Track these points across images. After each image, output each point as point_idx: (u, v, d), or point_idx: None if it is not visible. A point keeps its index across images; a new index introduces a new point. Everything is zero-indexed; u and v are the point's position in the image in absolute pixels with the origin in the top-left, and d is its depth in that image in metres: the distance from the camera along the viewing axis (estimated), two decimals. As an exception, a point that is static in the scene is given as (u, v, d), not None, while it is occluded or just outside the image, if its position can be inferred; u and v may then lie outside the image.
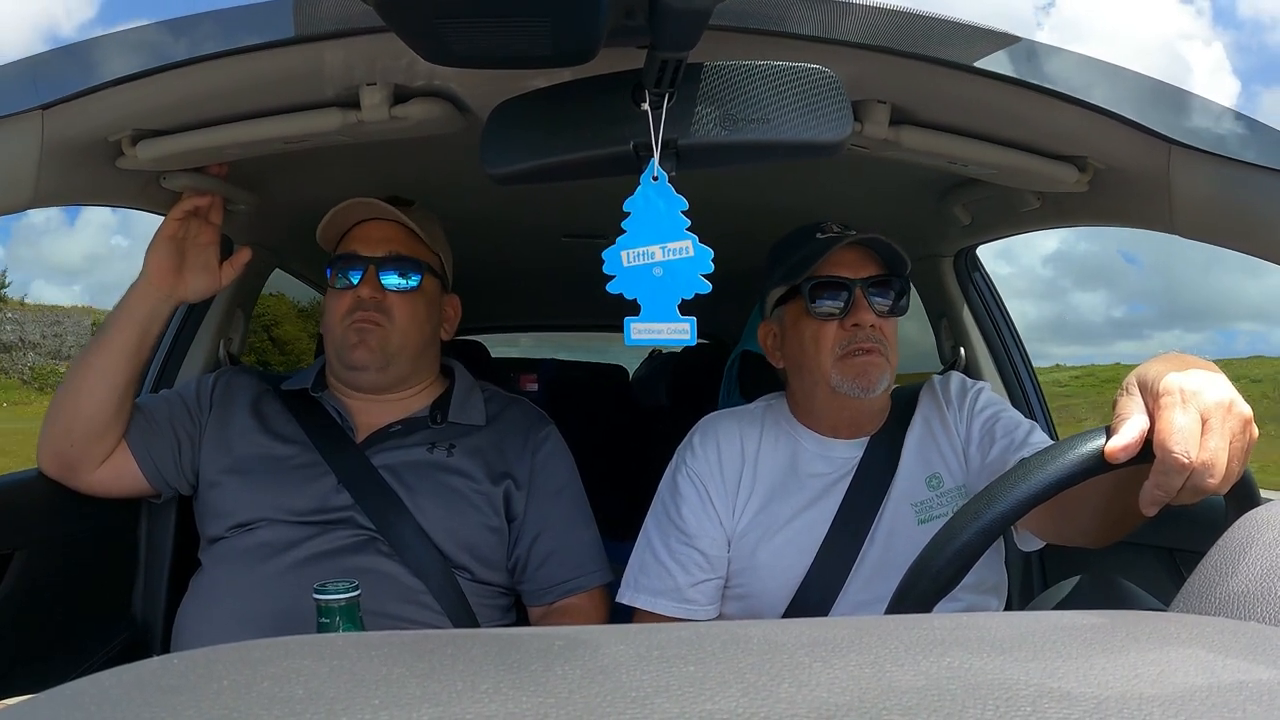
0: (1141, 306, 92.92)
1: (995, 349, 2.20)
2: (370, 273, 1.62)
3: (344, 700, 0.36)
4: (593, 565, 1.68)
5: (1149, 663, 0.41)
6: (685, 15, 0.82)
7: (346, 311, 1.62)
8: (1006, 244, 2.12)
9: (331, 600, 1.12)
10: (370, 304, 1.61)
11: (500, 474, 1.64)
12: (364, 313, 1.61)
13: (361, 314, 1.61)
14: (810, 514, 1.51)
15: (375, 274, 1.62)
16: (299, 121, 1.31)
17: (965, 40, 1.16)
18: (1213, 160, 1.18)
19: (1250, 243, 1.22)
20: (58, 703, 0.37)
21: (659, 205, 0.99)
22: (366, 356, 1.61)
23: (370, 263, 1.62)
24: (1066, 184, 1.42)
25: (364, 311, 1.61)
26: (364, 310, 1.61)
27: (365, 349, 1.61)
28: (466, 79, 1.25)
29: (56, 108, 1.19)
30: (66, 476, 1.60)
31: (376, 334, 1.61)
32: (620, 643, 0.44)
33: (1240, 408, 0.91)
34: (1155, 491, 0.90)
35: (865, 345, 1.48)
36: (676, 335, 1.00)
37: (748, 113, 1.00)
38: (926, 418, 1.59)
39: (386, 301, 1.62)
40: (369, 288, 1.61)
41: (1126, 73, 1.22)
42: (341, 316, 1.62)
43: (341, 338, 1.62)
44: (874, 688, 0.38)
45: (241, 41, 1.15)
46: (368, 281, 1.61)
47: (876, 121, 1.30)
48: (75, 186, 1.36)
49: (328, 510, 1.54)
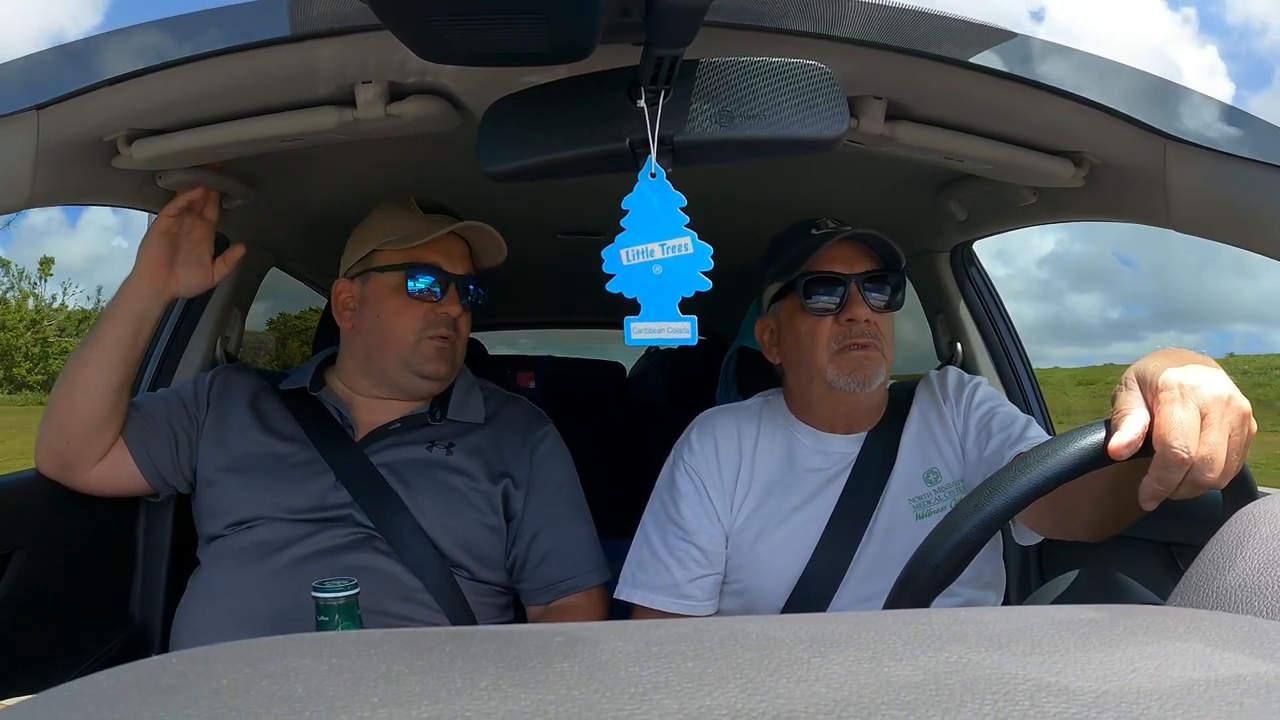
0: (1137, 308, 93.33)
1: (992, 344, 2.20)
2: (454, 291, 1.65)
3: (343, 698, 0.36)
4: (591, 564, 1.68)
5: (1147, 657, 0.41)
6: (681, 12, 0.82)
7: (427, 324, 1.63)
8: (1002, 245, 2.13)
9: (330, 598, 1.12)
10: (452, 321, 1.65)
11: (499, 472, 1.64)
12: (446, 329, 1.64)
13: (444, 330, 1.64)
14: (808, 510, 1.51)
15: (457, 292, 1.65)
16: (295, 120, 1.31)
17: (961, 36, 1.16)
18: (1209, 155, 1.19)
19: (1246, 237, 1.22)
20: (56, 703, 0.37)
21: (656, 202, 0.99)
22: (446, 370, 1.66)
23: (454, 280, 1.65)
24: (1062, 179, 1.42)
25: (445, 327, 1.64)
26: (445, 326, 1.64)
27: (445, 362, 1.65)
28: (462, 76, 1.25)
29: (51, 107, 1.18)
30: (64, 475, 1.60)
31: (450, 351, 1.66)
32: (619, 639, 0.44)
33: (1239, 402, 0.91)
34: (1154, 486, 0.90)
35: (860, 340, 1.48)
36: (677, 334, 1.00)
37: (744, 109, 1.00)
38: (924, 412, 1.59)
39: (460, 320, 1.66)
40: (456, 306, 1.65)
41: (1123, 68, 1.22)
42: (422, 327, 1.63)
43: (417, 348, 1.63)
44: (872, 683, 0.38)
45: (236, 40, 1.15)
46: (453, 300, 1.65)
47: (872, 117, 1.30)
48: (71, 186, 1.36)
49: (326, 508, 1.54)
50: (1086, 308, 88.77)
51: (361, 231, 1.72)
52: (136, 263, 1.56)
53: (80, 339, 2.64)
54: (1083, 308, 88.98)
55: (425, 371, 1.63)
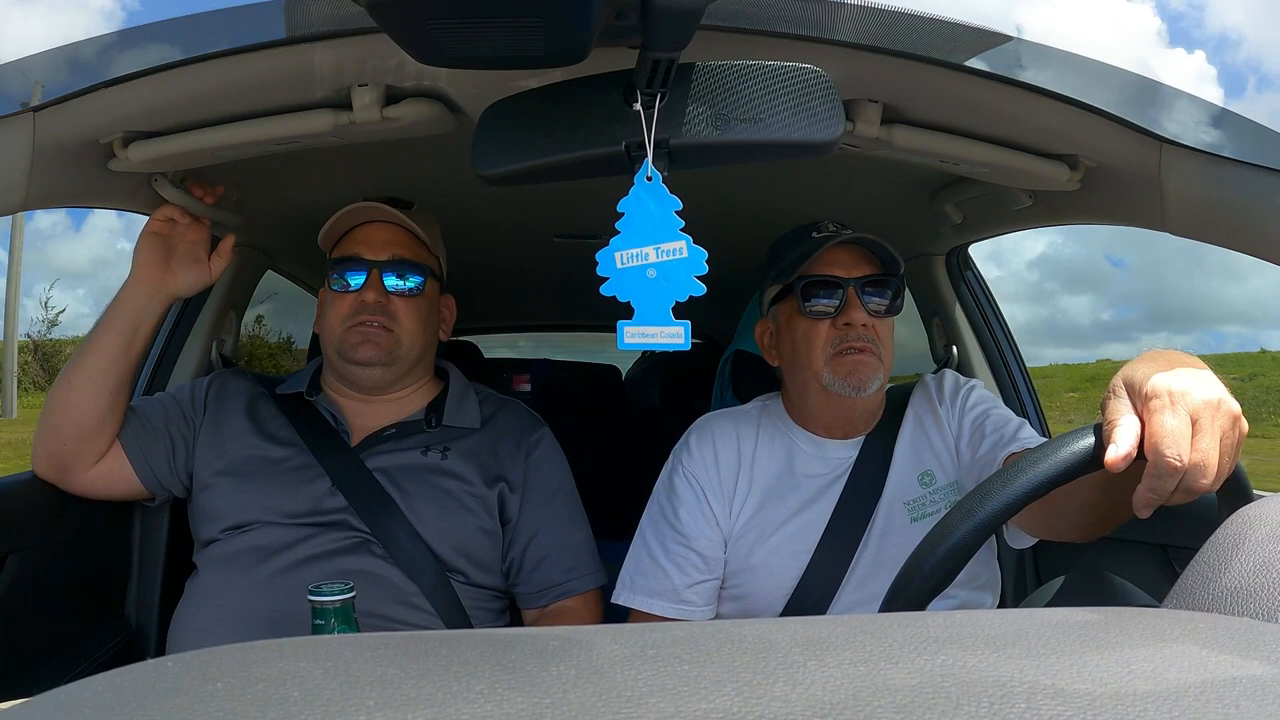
0: (1129, 309, 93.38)
1: (987, 347, 2.21)
2: (374, 276, 1.62)
3: (339, 702, 0.36)
4: (587, 568, 1.68)
5: (1143, 659, 0.41)
6: (677, 15, 0.82)
7: (349, 314, 1.62)
8: (994, 248, 2.13)
9: (326, 602, 1.12)
10: (374, 307, 1.62)
11: (494, 476, 1.64)
12: (368, 315, 1.61)
13: (365, 316, 1.61)
14: (806, 515, 1.51)
15: (379, 277, 1.63)
16: (291, 123, 1.31)
17: (956, 39, 1.17)
18: (1203, 158, 1.19)
19: (1241, 240, 1.22)
20: (52, 707, 0.37)
21: (652, 205, 0.99)
22: (373, 352, 1.61)
23: (373, 266, 1.62)
24: (1058, 182, 1.42)
25: (368, 314, 1.61)
26: (368, 313, 1.61)
27: (371, 345, 1.61)
28: (458, 79, 1.25)
29: (48, 110, 1.18)
30: (60, 478, 1.60)
31: (381, 336, 1.62)
32: (614, 642, 0.44)
33: (1229, 404, 0.91)
34: (1148, 495, 0.89)
35: (857, 344, 1.48)
36: (670, 339, 0.99)
37: (740, 112, 1.00)
38: (919, 415, 1.59)
39: (390, 305, 1.63)
40: (373, 291, 1.62)
41: (1117, 71, 1.22)
42: (343, 318, 1.62)
43: (342, 338, 1.62)
44: (868, 686, 0.38)
45: (232, 43, 1.15)
46: (371, 285, 1.62)
47: (868, 120, 1.30)
48: (67, 189, 1.36)
49: (321, 513, 1.54)
50: (1078, 309, 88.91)
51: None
52: (133, 265, 1.56)
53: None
54: (1074, 309, 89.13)
55: (353, 357, 1.62)
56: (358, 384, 1.67)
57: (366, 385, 1.67)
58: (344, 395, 1.70)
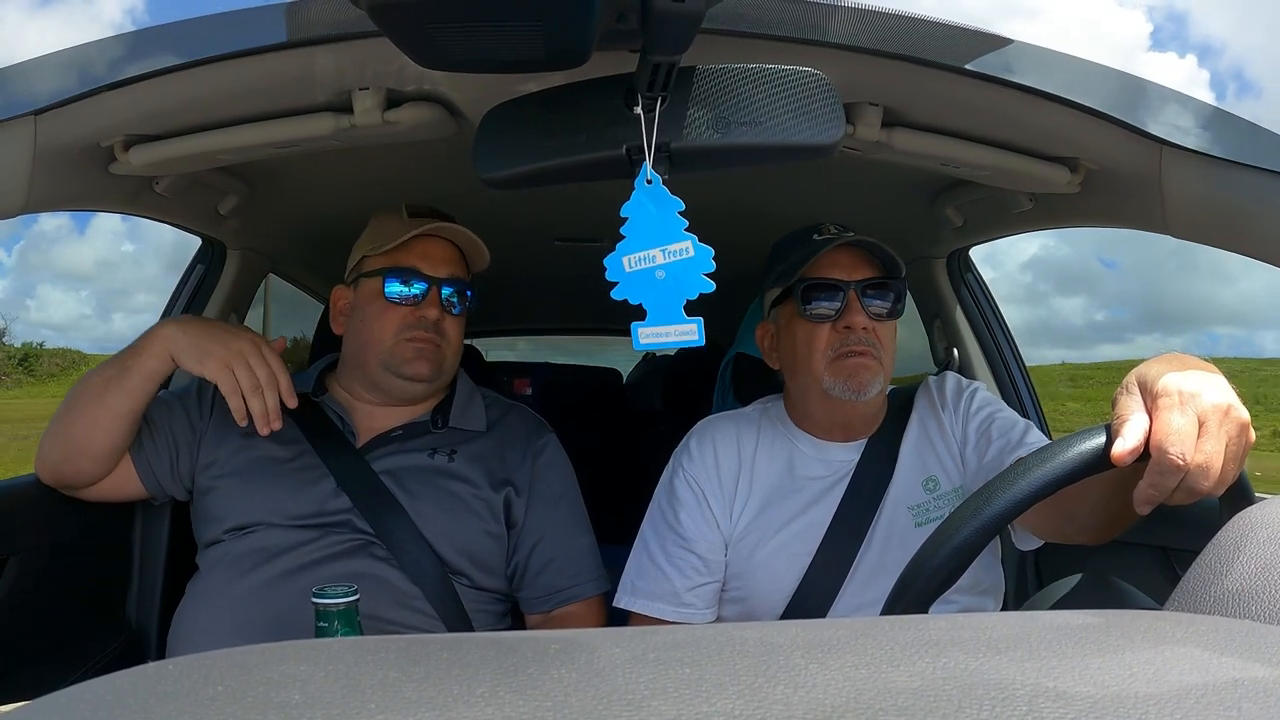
0: (1122, 311, 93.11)
1: (988, 349, 2.20)
2: (434, 293, 1.63)
3: (341, 705, 0.36)
4: (591, 573, 1.68)
5: (1145, 662, 0.41)
6: (677, 19, 0.82)
7: (404, 326, 1.62)
8: (988, 250, 2.13)
9: (330, 604, 1.12)
10: (431, 325, 1.62)
11: (501, 480, 1.64)
12: (424, 332, 1.62)
13: (422, 333, 1.62)
14: (807, 518, 1.51)
15: (438, 295, 1.63)
16: (292, 126, 1.31)
17: (957, 42, 1.17)
18: (1204, 160, 1.19)
19: (1242, 242, 1.22)
20: (53, 709, 0.37)
21: (654, 209, 0.99)
22: (426, 369, 1.62)
23: (433, 283, 1.63)
24: (1058, 185, 1.42)
25: (424, 331, 1.62)
26: (424, 329, 1.62)
27: (425, 363, 1.62)
28: (459, 83, 1.25)
29: (49, 113, 1.19)
30: (63, 487, 1.60)
31: (434, 353, 1.63)
32: (616, 646, 0.44)
33: (1238, 411, 0.91)
34: (1149, 491, 0.90)
35: (857, 348, 1.47)
36: (684, 337, 1.00)
37: (740, 116, 1.00)
38: (922, 420, 1.58)
39: (443, 323, 1.64)
40: (435, 309, 1.63)
41: (1118, 74, 1.22)
42: (398, 329, 1.62)
43: (395, 350, 1.62)
44: (870, 689, 0.38)
45: (233, 47, 1.15)
46: (432, 302, 1.63)
47: (869, 124, 1.30)
48: (68, 192, 1.36)
49: (325, 514, 1.54)
50: (1072, 310, 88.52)
51: (360, 239, 1.72)
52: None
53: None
54: (1068, 310, 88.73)
55: (404, 372, 1.62)
56: (397, 395, 1.67)
57: (405, 398, 1.67)
58: (356, 398, 1.69)
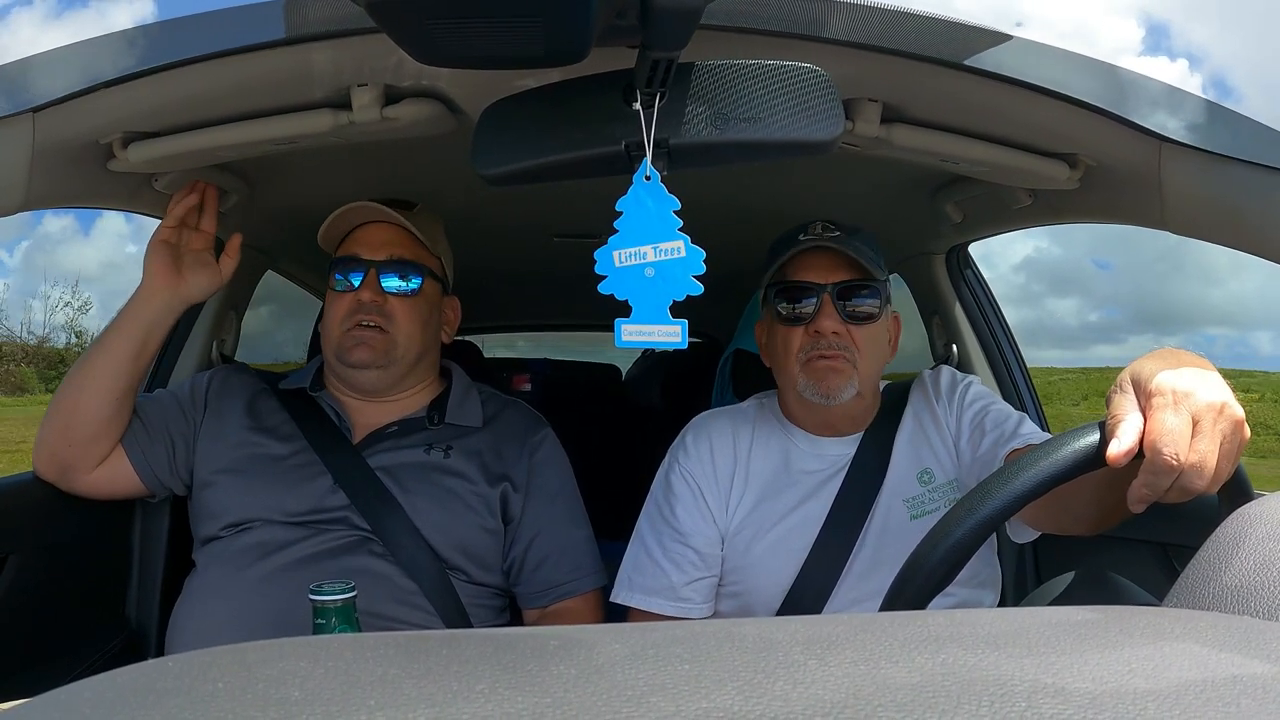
0: (1115, 311, 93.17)
1: (987, 346, 2.20)
2: (371, 276, 1.62)
3: (340, 701, 0.36)
4: (588, 568, 1.68)
5: (1143, 658, 0.41)
6: (676, 15, 0.82)
7: (347, 314, 1.62)
8: (981, 250, 2.11)
9: (328, 601, 1.12)
10: (371, 307, 1.61)
11: (497, 476, 1.64)
12: (364, 315, 1.61)
13: (362, 316, 1.61)
14: (803, 511, 1.51)
15: (376, 277, 1.63)
16: (290, 123, 1.31)
17: (956, 38, 1.17)
18: (1203, 157, 1.19)
19: (1241, 238, 1.22)
20: (52, 707, 0.37)
21: (651, 205, 0.99)
22: (368, 355, 1.61)
23: (371, 266, 1.63)
24: (1058, 181, 1.42)
25: (364, 314, 1.61)
26: (365, 313, 1.61)
27: (366, 348, 1.61)
28: (458, 79, 1.25)
29: (47, 110, 1.18)
30: (62, 479, 1.60)
31: (378, 336, 1.62)
32: (615, 641, 0.44)
33: (1232, 409, 0.91)
34: (1143, 490, 0.90)
35: (827, 352, 1.46)
36: (667, 338, 1.00)
37: (739, 112, 1.00)
38: (917, 413, 1.59)
39: (387, 305, 1.63)
40: (370, 291, 1.62)
41: (1116, 69, 1.22)
42: (341, 319, 1.62)
43: (340, 339, 1.62)
44: (869, 684, 0.38)
45: (232, 43, 1.15)
46: (368, 284, 1.62)
47: (868, 120, 1.30)
48: (67, 189, 1.36)
49: (323, 510, 1.54)
50: (1066, 310, 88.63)
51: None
52: (145, 274, 1.56)
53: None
54: (1062, 311, 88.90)
55: (348, 360, 1.62)
56: (355, 386, 1.67)
57: (364, 388, 1.67)
58: (341, 394, 1.70)
